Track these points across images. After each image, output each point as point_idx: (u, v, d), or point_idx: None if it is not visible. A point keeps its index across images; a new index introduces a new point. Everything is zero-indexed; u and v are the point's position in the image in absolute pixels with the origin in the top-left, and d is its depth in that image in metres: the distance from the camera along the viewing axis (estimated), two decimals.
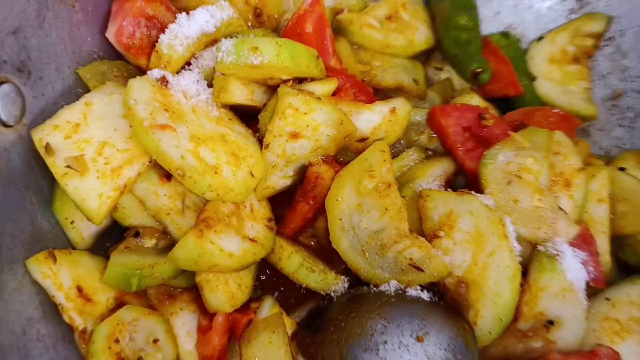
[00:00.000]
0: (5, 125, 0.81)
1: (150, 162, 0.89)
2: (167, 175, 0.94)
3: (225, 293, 0.92)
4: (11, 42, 0.80)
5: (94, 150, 0.86)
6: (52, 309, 0.81)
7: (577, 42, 1.26)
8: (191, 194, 0.95)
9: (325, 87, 0.98)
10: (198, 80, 0.99)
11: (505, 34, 1.26)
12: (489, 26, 1.33)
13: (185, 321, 0.94)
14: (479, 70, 1.15)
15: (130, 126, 0.85)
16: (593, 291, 1.00)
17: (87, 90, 0.98)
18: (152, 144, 0.84)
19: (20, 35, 0.82)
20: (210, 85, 1.00)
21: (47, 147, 0.84)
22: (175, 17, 1.03)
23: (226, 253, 0.90)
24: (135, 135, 0.85)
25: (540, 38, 1.30)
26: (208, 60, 1.01)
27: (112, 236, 0.98)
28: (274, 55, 0.92)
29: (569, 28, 1.27)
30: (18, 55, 0.82)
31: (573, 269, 0.94)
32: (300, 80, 1.01)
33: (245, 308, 0.95)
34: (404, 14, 1.21)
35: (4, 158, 0.80)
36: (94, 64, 0.99)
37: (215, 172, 0.88)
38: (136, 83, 0.86)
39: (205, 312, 0.95)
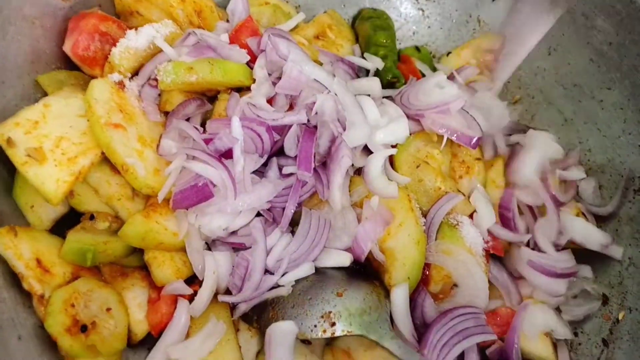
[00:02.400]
0: None
1: (102, 154, 1.02)
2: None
3: (171, 267, 1.04)
4: None
5: (52, 143, 0.98)
6: (13, 279, 0.91)
7: (478, 57, 1.49)
8: None
9: None
10: (144, 87, 1.14)
11: (417, 48, 1.48)
12: (407, 43, 1.56)
13: (136, 295, 1.04)
14: (393, 79, 1.35)
15: (88, 121, 0.99)
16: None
17: (45, 95, 1.11)
18: (104, 140, 0.98)
19: None
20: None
21: (9, 141, 0.95)
22: (125, 34, 1.19)
23: (170, 232, 1.03)
24: (91, 130, 0.99)
25: (448, 53, 1.53)
26: (150, 72, 1.16)
27: (69, 225, 1.08)
28: (208, 72, 1.10)
29: (472, 45, 1.51)
30: None
31: (471, 236, 1.11)
32: (236, 90, 1.19)
33: (189, 282, 1.06)
34: (330, 33, 1.41)
35: None
36: (53, 73, 1.13)
37: (155, 174, 1.02)
38: (98, 83, 1.01)
39: (154, 287, 1.06)
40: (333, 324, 0.95)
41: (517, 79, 1.51)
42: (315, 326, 0.95)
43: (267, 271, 1.05)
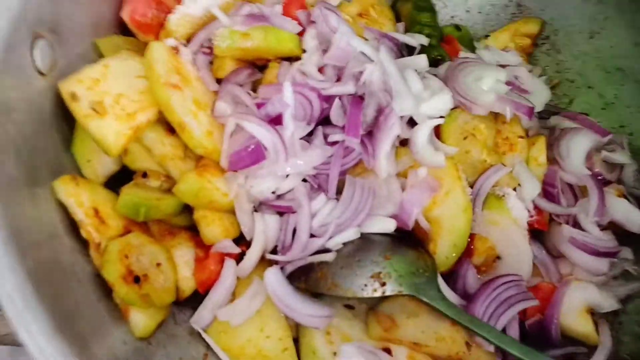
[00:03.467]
0: (41, 73, 0.95)
1: (158, 114, 1.05)
2: (172, 130, 1.10)
3: (220, 227, 1.06)
4: (48, 7, 0.97)
5: (112, 99, 1.01)
6: (72, 227, 0.94)
7: (517, 41, 1.50)
8: None
9: None
10: (197, 53, 1.16)
11: (457, 27, 1.50)
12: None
13: (183, 253, 1.06)
14: (439, 57, 1.36)
15: (147, 79, 1.02)
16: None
17: (102, 57, 1.14)
18: (163, 98, 1.01)
19: (56, 2, 0.99)
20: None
21: (73, 95, 0.99)
22: (178, 1, 1.22)
23: (221, 192, 1.05)
24: (150, 88, 1.01)
25: (486, 36, 1.54)
26: (204, 39, 1.19)
27: (121, 183, 1.10)
28: (262, 39, 1.12)
29: (510, 29, 1.52)
30: (52, 18, 0.99)
31: (517, 208, 1.12)
32: (286, 59, 1.21)
33: (236, 243, 1.08)
34: (373, 12, 1.43)
35: (37, 99, 0.94)
36: (111, 37, 1.16)
37: (208, 135, 1.05)
38: (157, 45, 1.04)
39: (202, 246, 1.08)
40: (383, 284, 0.96)
41: (556, 63, 1.52)
42: (365, 285, 0.96)
43: (313, 236, 1.07)
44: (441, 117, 1.14)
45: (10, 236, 0.76)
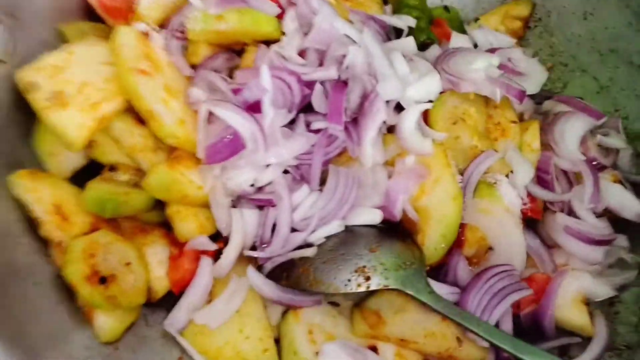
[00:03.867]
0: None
1: (126, 103, 0.98)
2: (142, 120, 1.03)
3: (194, 222, 1.00)
4: None
5: (74, 88, 0.94)
6: (30, 225, 0.87)
7: (507, 24, 1.45)
8: None
9: None
10: (170, 39, 1.09)
11: (446, 8, 1.43)
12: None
13: (156, 252, 1.00)
14: (428, 41, 1.30)
15: (114, 65, 0.95)
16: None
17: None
18: (131, 85, 0.94)
19: None
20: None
21: (30, 85, 0.91)
22: None
23: (195, 185, 0.99)
24: (118, 75, 0.95)
25: (476, 19, 1.47)
26: (177, 23, 1.12)
27: (88, 178, 1.04)
28: (237, 21, 1.05)
29: (500, 12, 1.46)
30: (10, 1, 0.91)
31: (509, 195, 1.06)
32: (264, 43, 1.14)
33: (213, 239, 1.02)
34: None
35: None
36: (78, 23, 1.09)
37: (180, 124, 0.98)
38: (125, 29, 0.97)
39: (176, 244, 1.02)
40: (368, 278, 0.90)
41: (549, 46, 1.46)
42: (349, 280, 0.90)
43: (294, 230, 1.01)
44: (430, 101, 1.08)
45: None
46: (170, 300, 0.99)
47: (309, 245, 0.98)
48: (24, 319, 0.73)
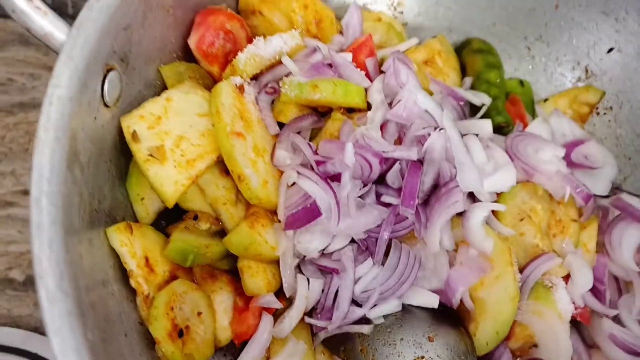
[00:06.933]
0: (106, 105, 0.92)
1: (217, 157, 1.02)
2: (227, 170, 1.07)
3: (263, 280, 1.04)
4: (122, 36, 0.93)
5: (172, 142, 0.98)
6: (122, 273, 0.92)
7: (575, 108, 1.46)
8: None
9: None
10: (260, 93, 1.13)
11: (521, 82, 1.45)
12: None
13: (223, 299, 1.05)
14: (503, 124, 1.32)
15: (214, 126, 0.99)
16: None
17: (163, 84, 1.11)
18: (228, 148, 0.98)
19: (129, 31, 0.95)
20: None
21: (134, 135, 0.96)
22: (246, 35, 1.18)
23: (269, 245, 1.03)
24: (217, 137, 0.98)
25: (545, 99, 1.49)
26: (269, 79, 1.15)
27: (166, 216, 1.09)
28: (331, 93, 1.09)
29: (569, 95, 1.47)
30: (124, 48, 0.95)
31: (563, 301, 1.10)
32: (348, 110, 1.18)
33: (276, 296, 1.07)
34: (438, 60, 1.38)
35: (100, 134, 0.91)
36: (174, 64, 1.12)
37: (264, 185, 1.02)
38: (225, 87, 1.00)
39: (241, 294, 1.06)
40: None
41: (615, 136, 1.48)
42: None
43: (354, 301, 1.05)
44: (498, 195, 1.11)
45: (68, 281, 0.73)
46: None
47: (367, 320, 1.03)
48: None
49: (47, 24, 0.86)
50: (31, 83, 1.52)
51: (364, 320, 1.04)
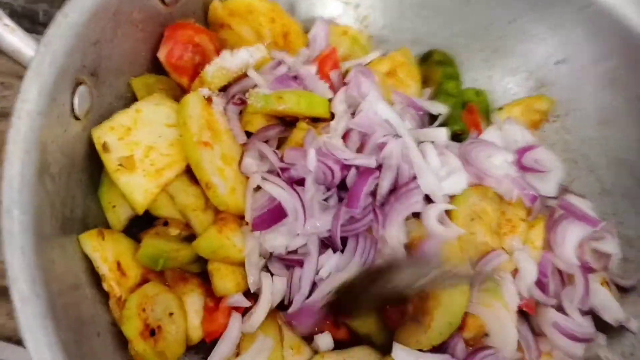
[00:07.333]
0: (76, 118, 0.97)
1: (185, 166, 1.08)
2: (196, 179, 1.12)
3: (232, 281, 1.10)
4: (91, 51, 0.98)
5: (141, 152, 1.03)
6: (94, 277, 0.97)
7: (528, 115, 1.56)
8: None
9: None
10: (228, 104, 1.19)
11: (477, 92, 1.54)
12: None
13: (193, 301, 1.10)
14: (459, 132, 1.41)
15: (181, 137, 1.04)
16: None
17: (134, 96, 1.16)
18: (195, 157, 1.03)
19: (98, 46, 1.00)
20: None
21: (105, 145, 1.01)
22: (215, 47, 1.24)
23: (237, 248, 1.09)
24: (184, 147, 1.04)
25: (500, 108, 1.59)
26: (236, 91, 1.21)
27: (137, 223, 1.13)
28: (295, 103, 1.16)
29: (523, 103, 1.57)
30: (93, 62, 1.00)
31: (510, 293, 1.19)
32: (313, 120, 1.25)
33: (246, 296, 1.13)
34: (400, 72, 1.46)
35: (71, 145, 0.96)
36: (144, 77, 1.17)
37: (232, 192, 1.08)
38: (192, 99, 1.06)
39: (212, 295, 1.12)
40: None
41: (563, 142, 1.58)
42: None
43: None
44: (453, 197, 1.20)
45: (40, 285, 0.78)
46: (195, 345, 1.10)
47: None
48: None
49: (17, 40, 0.90)
50: (1, 92, 1.54)
51: None
